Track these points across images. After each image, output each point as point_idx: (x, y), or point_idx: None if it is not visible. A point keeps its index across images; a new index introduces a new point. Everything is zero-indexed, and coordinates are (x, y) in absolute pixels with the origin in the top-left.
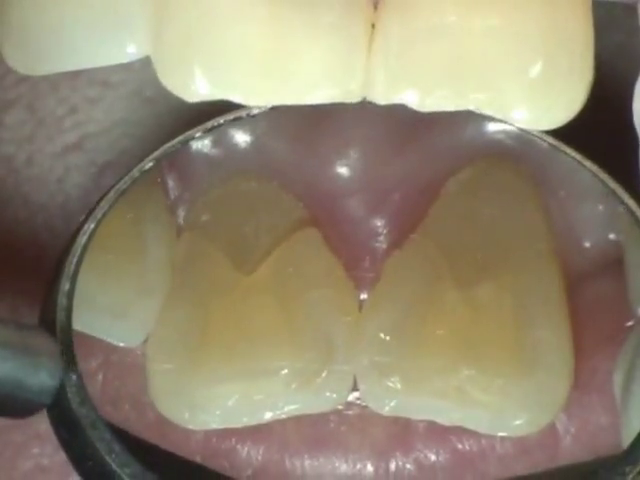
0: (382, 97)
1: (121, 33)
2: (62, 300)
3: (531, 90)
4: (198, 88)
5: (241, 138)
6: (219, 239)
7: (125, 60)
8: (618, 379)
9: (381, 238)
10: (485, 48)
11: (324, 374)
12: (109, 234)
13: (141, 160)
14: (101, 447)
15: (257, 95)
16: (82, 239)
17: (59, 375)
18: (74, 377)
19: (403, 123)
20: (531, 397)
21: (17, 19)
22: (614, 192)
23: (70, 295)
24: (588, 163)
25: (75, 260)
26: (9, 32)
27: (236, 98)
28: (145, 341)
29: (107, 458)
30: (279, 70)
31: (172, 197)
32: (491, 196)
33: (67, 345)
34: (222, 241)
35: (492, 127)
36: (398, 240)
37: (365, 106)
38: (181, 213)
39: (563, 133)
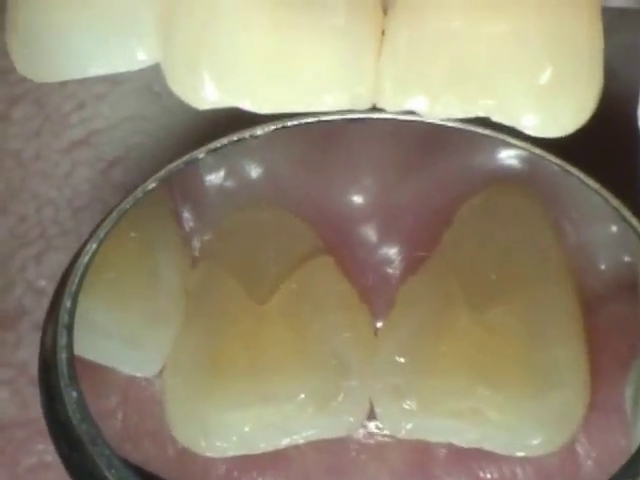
0: (391, 104)
1: (130, 40)
2: (64, 317)
3: (540, 96)
4: (207, 95)
5: (252, 168)
6: (233, 268)
7: (135, 67)
8: (628, 393)
9: (395, 264)
10: (494, 54)
11: (340, 397)
12: (123, 264)
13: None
14: (101, 463)
15: (266, 102)
16: (84, 259)
17: None
18: (75, 394)
19: (414, 148)
20: (548, 416)
21: (26, 26)
22: (618, 210)
23: (72, 313)
24: (590, 181)
25: (77, 279)
26: (18, 39)
27: (245, 105)
28: (161, 371)
29: (107, 474)
30: (288, 76)
31: (186, 228)
32: (504, 220)
33: (69, 362)
34: (236, 270)
35: (503, 152)
36: (412, 266)
37: (376, 130)
38: (195, 243)
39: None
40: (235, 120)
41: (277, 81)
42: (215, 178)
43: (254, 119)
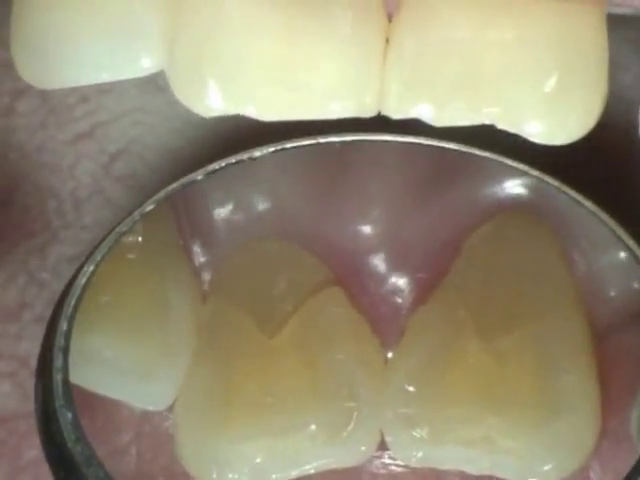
0: (396, 111)
1: (136, 47)
2: (60, 340)
3: (546, 104)
4: (212, 103)
5: (260, 202)
6: (242, 301)
7: (140, 74)
8: (635, 415)
9: (404, 294)
10: (499, 61)
11: (350, 427)
12: (134, 298)
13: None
14: None
15: (270, 109)
16: (81, 280)
17: None
18: (69, 415)
19: (423, 178)
20: (559, 442)
21: (30, 33)
22: (613, 231)
23: (67, 336)
24: (588, 203)
25: (73, 302)
26: (23, 46)
27: (250, 112)
28: (173, 404)
29: None
30: (293, 84)
31: (196, 262)
32: (513, 249)
33: (64, 384)
34: (246, 303)
35: (511, 181)
36: (421, 296)
37: (384, 160)
38: (206, 277)
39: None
40: (237, 141)
41: (282, 89)
42: (224, 210)
43: (253, 138)
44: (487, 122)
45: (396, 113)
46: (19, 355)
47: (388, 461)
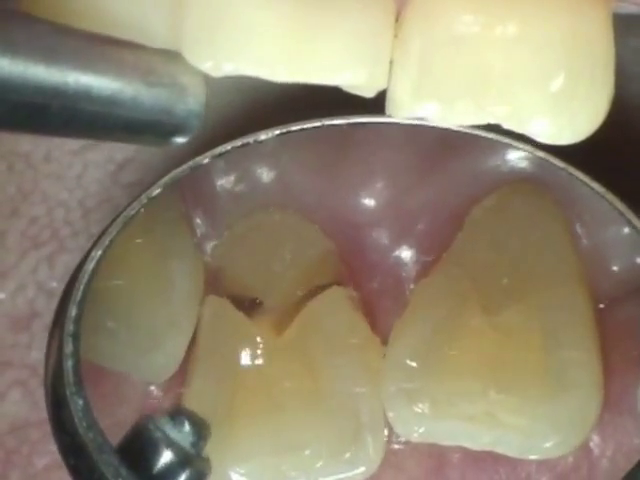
0: (404, 110)
1: (146, 19)
2: (69, 326)
3: (552, 103)
4: (224, 63)
5: (264, 173)
6: (243, 270)
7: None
8: None
9: (407, 267)
10: (506, 60)
11: (353, 449)
12: (135, 269)
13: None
14: (108, 472)
15: (283, 71)
16: (89, 265)
17: (204, 100)
18: (80, 402)
19: (426, 152)
20: (561, 418)
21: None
22: (622, 213)
23: (77, 321)
24: (596, 185)
25: (82, 287)
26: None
27: (261, 74)
28: (172, 377)
29: None
30: (306, 49)
31: (198, 233)
32: (516, 222)
33: (74, 371)
34: (247, 272)
35: (515, 153)
36: (424, 269)
37: (388, 134)
38: (207, 248)
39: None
40: (243, 124)
41: (294, 52)
42: (227, 182)
43: (260, 123)
44: (493, 121)
45: (403, 113)
46: (29, 364)
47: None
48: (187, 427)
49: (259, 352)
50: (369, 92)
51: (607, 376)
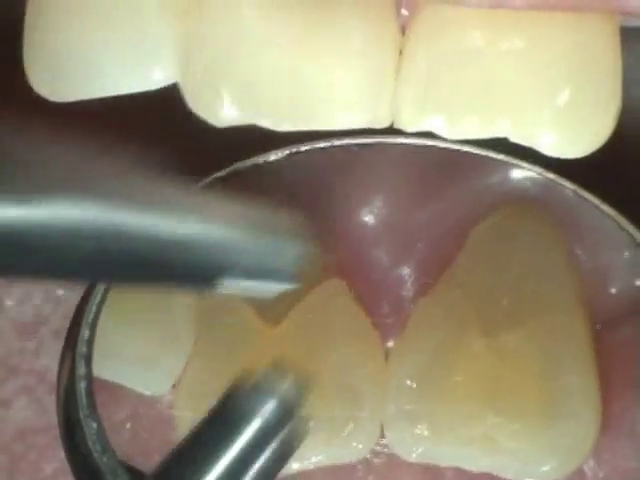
0: (409, 124)
1: (148, 60)
2: (82, 348)
3: (559, 117)
4: (226, 113)
5: (265, 188)
6: None
7: (152, 87)
8: None
9: (407, 286)
10: (512, 74)
11: (350, 427)
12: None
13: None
14: None
15: (286, 120)
16: (100, 286)
17: (303, 256)
18: (94, 425)
19: (428, 171)
20: (559, 443)
21: (43, 44)
22: (632, 236)
23: (90, 342)
24: (606, 207)
25: (94, 308)
26: (35, 58)
27: (264, 123)
28: (171, 391)
29: None
30: (307, 96)
31: None
32: (517, 243)
33: (87, 393)
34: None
35: (516, 174)
36: (424, 288)
37: (389, 153)
38: None
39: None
40: (249, 141)
41: (296, 100)
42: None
43: (267, 141)
44: (500, 135)
45: (410, 127)
46: (37, 370)
47: (385, 450)
48: (290, 380)
49: (258, 335)
50: (373, 127)
51: (604, 398)
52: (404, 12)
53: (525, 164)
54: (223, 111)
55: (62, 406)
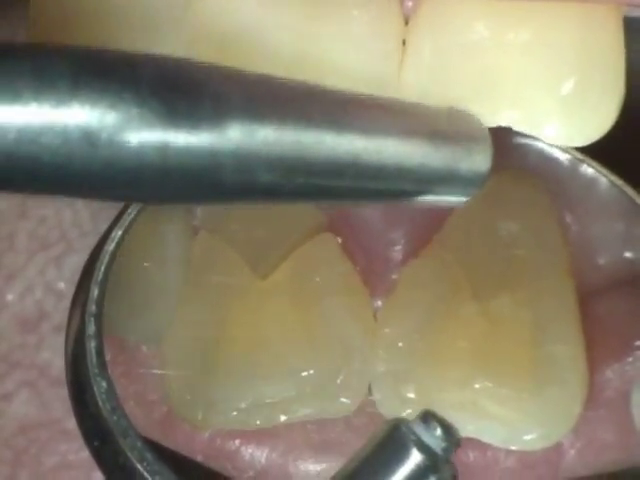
0: None
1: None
2: (91, 307)
3: (563, 107)
4: None
5: None
6: (235, 241)
7: None
8: (637, 398)
9: (398, 247)
10: (517, 64)
11: (339, 380)
12: (132, 240)
13: None
14: (133, 456)
15: None
16: (110, 246)
17: (490, 158)
18: (104, 384)
19: None
20: (545, 412)
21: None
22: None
23: (99, 302)
24: (614, 177)
25: (103, 267)
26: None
27: None
28: (156, 342)
29: (139, 467)
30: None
31: None
32: (509, 209)
33: (98, 352)
34: (238, 243)
35: (510, 140)
36: (415, 249)
37: None
38: (197, 213)
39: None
40: None
41: None
42: None
43: None
44: (504, 125)
45: None
46: (38, 364)
47: (366, 410)
48: (439, 431)
49: (249, 288)
50: None
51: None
52: (408, 2)
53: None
54: None
55: (71, 366)
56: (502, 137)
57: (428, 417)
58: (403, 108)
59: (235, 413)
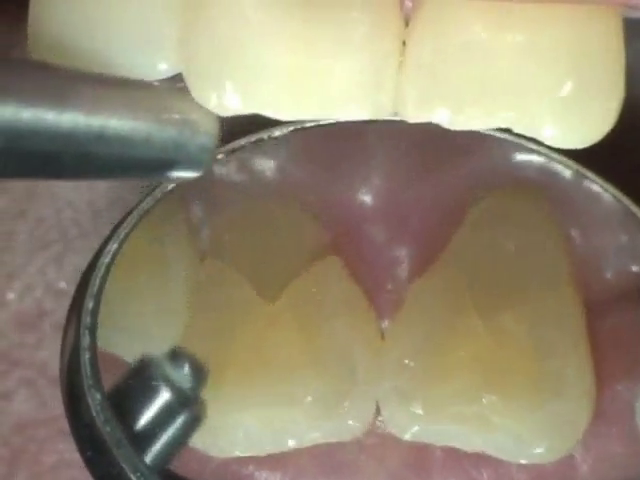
0: (412, 115)
1: (152, 51)
2: (86, 319)
3: (561, 108)
4: (229, 103)
5: (263, 162)
6: (241, 262)
7: (156, 77)
8: None
9: (403, 265)
10: (515, 65)
11: (346, 403)
12: (131, 255)
13: None
14: (126, 466)
15: (288, 110)
16: (105, 259)
17: (216, 134)
18: (98, 395)
19: (427, 150)
20: (552, 425)
21: (47, 36)
22: (636, 216)
23: (94, 313)
24: (610, 187)
25: (98, 280)
26: (38, 47)
27: (267, 113)
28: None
29: (133, 477)
30: (310, 85)
31: (194, 220)
32: (513, 224)
33: (92, 364)
34: (244, 264)
35: (515, 155)
36: (420, 268)
37: (387, 133)
38: (204, 235)
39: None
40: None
41: (298, 90)
42: (225, 173)
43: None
44: (503, 126)
45: (413, 117)
46: (37, 363)
47: (377, 430)
48: (187, 369)
49: (254, 313)
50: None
51: (596, 383)
52: (408, 3)
53: (528, 143)
54: (226, 101)
55: (66, 377)
56: (503, 152)
57: (176, 355)
58: (128, 86)
59: (243, 439)
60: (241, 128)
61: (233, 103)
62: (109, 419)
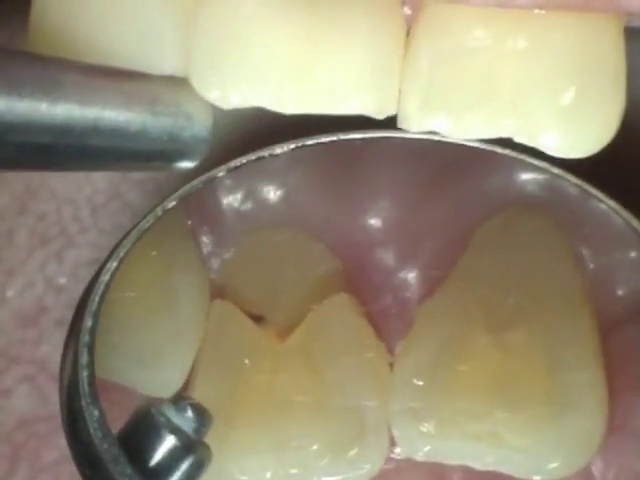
0: (414, 124)
1: (154, 46)
2: (85, 337)
3: (563, 118)
4: (233, 96)
5: (271, 191)
6: (251, 300)
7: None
8: None
9: (413, 287)
10: (516, 73)
11: (356, 449)
12: (142, 283)
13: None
14: None
15: (291, 103)
16: (105, 277)
17: (210, 125)
18: (96, 413)
19: (434, 170)
20: (566, 440)
21: (50, 38)
22: (637, 231)
23: (92, 332)
24: (611, 202)
25: (97, 298)
26: (42, 48)
27: (270, 106)
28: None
29: None
30: (313, 79)
31: (204, 250)
32: (522, 243)
33: (90, 382)
34: (254, 302)
35: (522, 174)
36: (430, 288)
37: (395, 152)
38: (213, 264)
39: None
40: (255, 137)
41: (302, 84)
42: (233, 199)
43: (272, 136)
44: (504, 135)
45: (414, 127)
46: (38, 359)
47: (392, 455)
48: (190, 413)
49: (264, 355)
50: (379, 115)
51: (611, 399)
52: (407, 11)
53: (531, 159)
54: (229, 94)
55: (65, 395)
56: (508, 171)
57: (179, 399)
58: (123, 77)
59: None
60: (242, 144)
61: (235, 96)
62: (106, 436)
